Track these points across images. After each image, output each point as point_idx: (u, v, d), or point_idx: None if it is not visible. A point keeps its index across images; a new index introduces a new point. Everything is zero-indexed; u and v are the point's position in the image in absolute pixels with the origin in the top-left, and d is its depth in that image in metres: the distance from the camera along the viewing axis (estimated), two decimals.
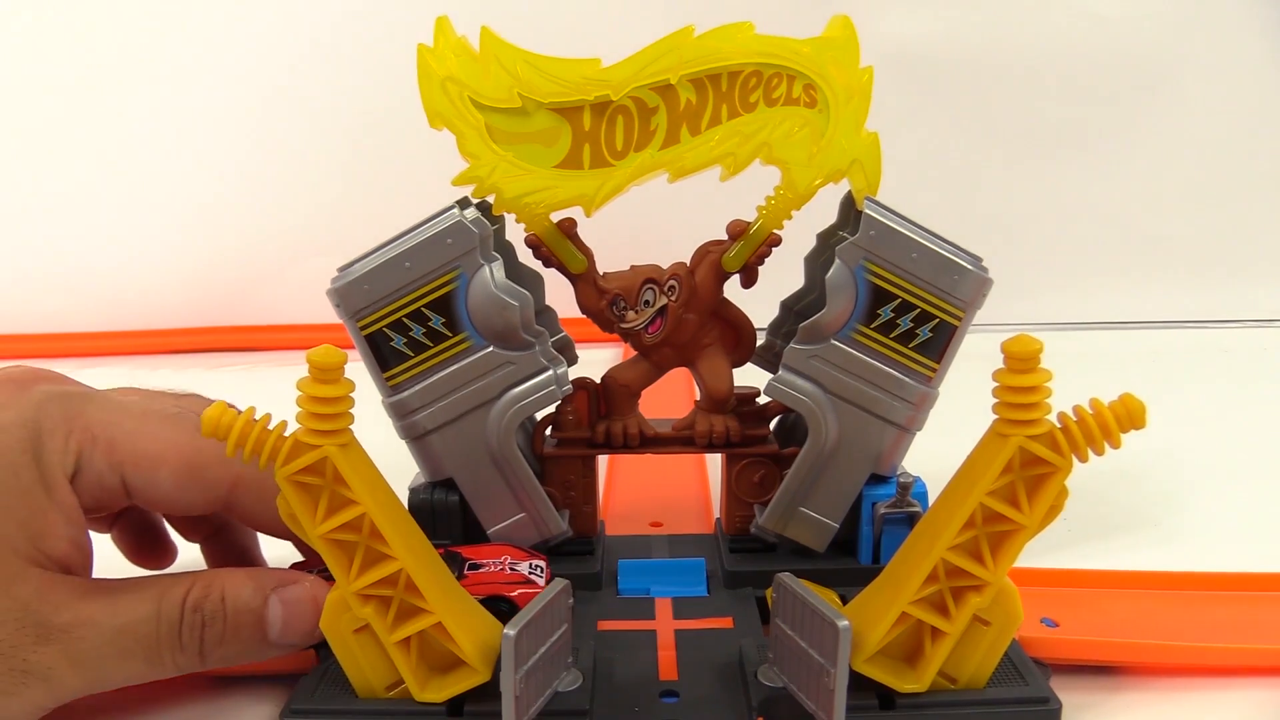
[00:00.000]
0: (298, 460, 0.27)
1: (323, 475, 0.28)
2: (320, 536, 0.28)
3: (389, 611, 0.29)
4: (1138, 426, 0.27)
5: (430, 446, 0.37)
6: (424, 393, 0.36)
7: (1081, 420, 0.27)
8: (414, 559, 0.29)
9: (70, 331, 0.91)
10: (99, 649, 0.29)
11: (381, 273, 0.35)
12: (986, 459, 0.28)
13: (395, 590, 0.29)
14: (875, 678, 0.30)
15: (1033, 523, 0.28)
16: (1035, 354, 0.27)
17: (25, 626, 0.28)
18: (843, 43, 0.35)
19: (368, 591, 0.29)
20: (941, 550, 0.29)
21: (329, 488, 0.28)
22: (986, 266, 0.36)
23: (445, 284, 0.35)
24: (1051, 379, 0.27)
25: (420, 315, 0.35)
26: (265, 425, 0.27)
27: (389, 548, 0.28)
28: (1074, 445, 0.27)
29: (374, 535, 0.28)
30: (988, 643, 0.30)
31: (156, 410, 0.33)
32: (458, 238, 0.35)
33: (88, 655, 0.28)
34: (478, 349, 0.36)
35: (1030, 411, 0.27)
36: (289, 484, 0.27)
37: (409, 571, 0.28)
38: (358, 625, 0.29)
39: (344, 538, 0.28)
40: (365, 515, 0.28)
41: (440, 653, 0.30)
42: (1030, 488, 0.28)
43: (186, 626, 0.30)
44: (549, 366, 0.37)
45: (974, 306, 0.36)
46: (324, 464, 0.27)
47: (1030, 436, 0.27)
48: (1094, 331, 0.90)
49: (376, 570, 0.28)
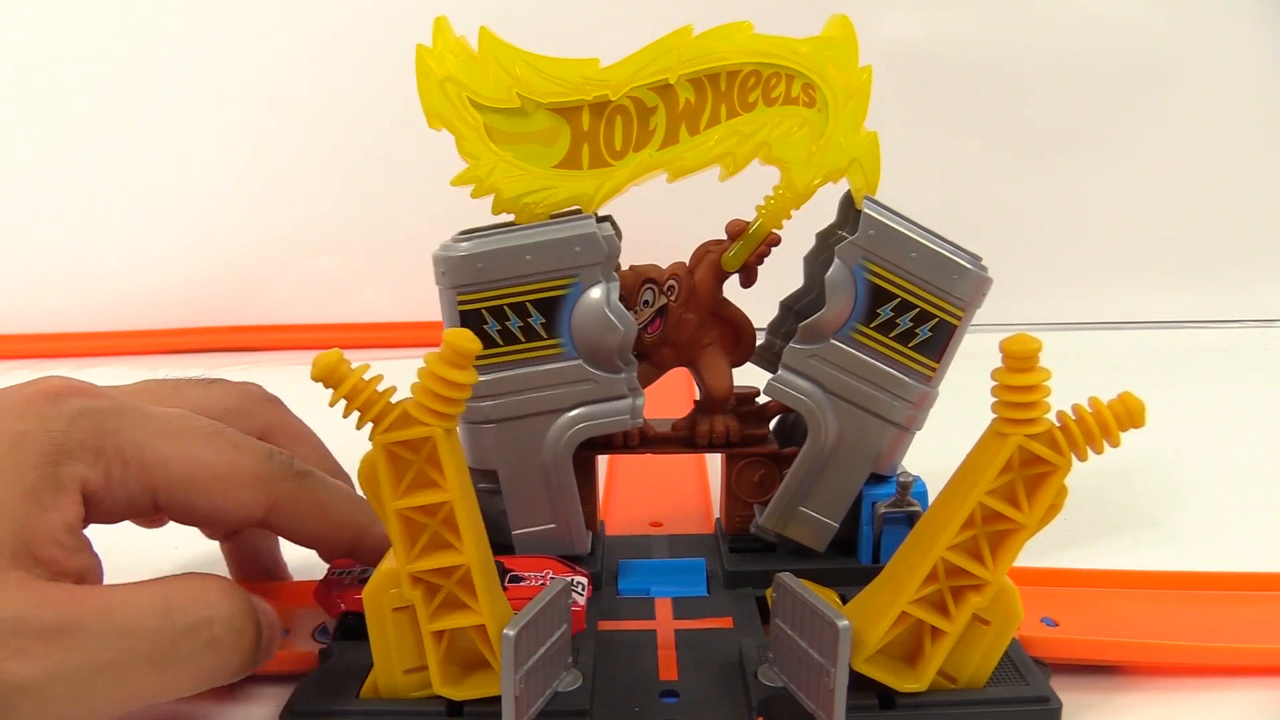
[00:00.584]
0: (403, 431, 0.27)
1: (418, 453, 0.27)
2: (396, 510, 0.28)
3: (435, 599, 0.29)
4: (1137, 425, 0.27)
5: (484, 436, 0.37)
6: (498, 383, 0.36)
7: (1081, 419, 0.27)
8: (478, 558, 0.29)
9: (70, 331, 0.91)
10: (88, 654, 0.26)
11: (500, 256, 0.34)
12: (986, 458, 0.28)
13: (448, 582, 0.29)
14: (875, 677, 0.30)
15: (1032, 522, 0.28)
16: (1034, 353, 0.27)
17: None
18: (842, 42, 0.35)
19: (422, 575, 0.29)
20: (941, 550, 0.29)
21: (420, 466, 0.28)
22: (986, 265, 0.36)
23: (559, 287, 0.35)
24: (1050, 378, 0.27)
25: (523, 309, 0.35)
26: (375, 386, 0.27)
27: (460, 541, 0.28)
28: (1073, 444, 0.27)
29: (448, 525, 0.28)
30: (988, 642, 0.30)
31: (193, 429, 0.32)
32: (587, 247, 0.34)
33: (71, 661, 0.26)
34: (567, 358, 0.36)
35: (1029, 410, 0.27)
36: (382, 450, 0.27)
37: (471, 569, 0.28)
38: (400, 604, 0.29)
39: (418, 518, 0.28)
40: (448, 503, 0.28)
41: (468, 652, 0.30)
42: (1030, 487, 0.28)
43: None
44: (629, 396, 0.37)
45: (973, 306, 0.36)
46: (425, 443, 0.27)
47: (1029, 435, 0.27)
48: (1094, 331, 0.90)
49: (439, 558, 0.28)
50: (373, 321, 0.90)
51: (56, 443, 0.28)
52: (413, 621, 0.29)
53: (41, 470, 0.28)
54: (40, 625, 0.25)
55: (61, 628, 0.26)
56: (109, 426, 0.30)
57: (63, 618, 0.26)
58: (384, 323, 0.90)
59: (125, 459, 0.30)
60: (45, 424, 0.29)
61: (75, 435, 0.29)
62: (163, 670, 0.27)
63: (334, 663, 0.33)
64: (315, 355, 0.26)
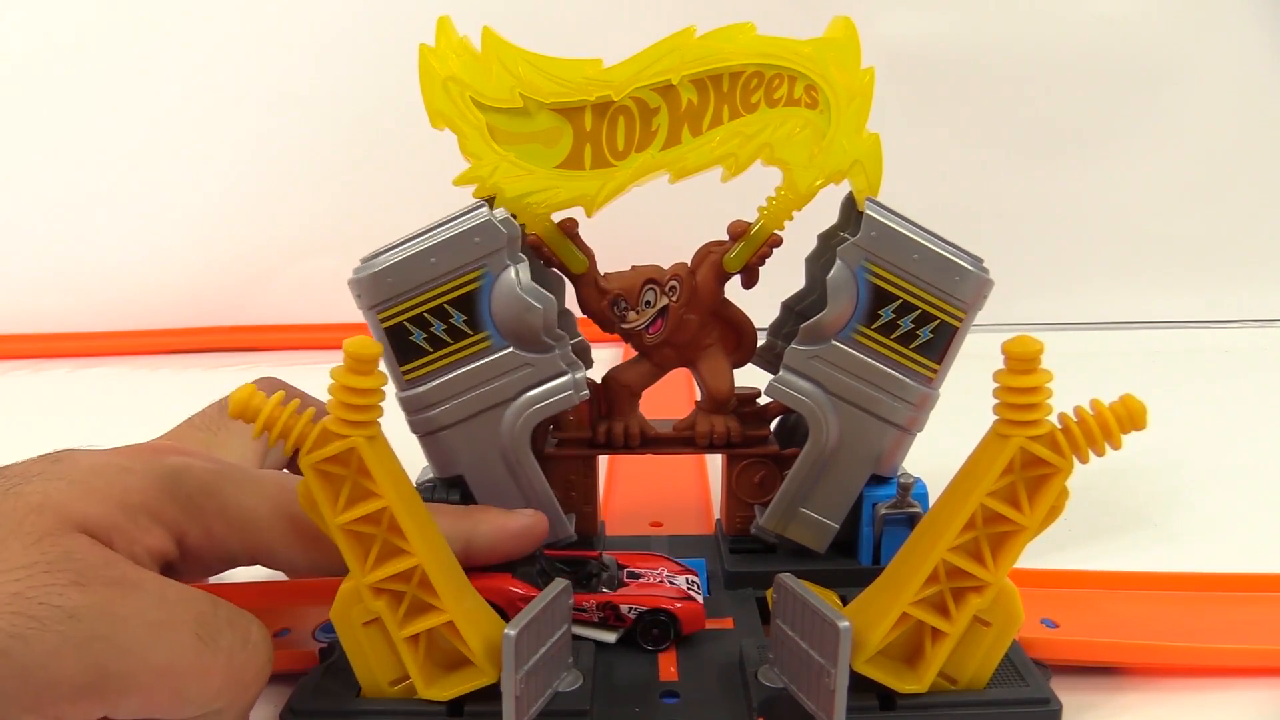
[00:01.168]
0: (324, 449, 0.27)
1: (347, 466, 0.27)
2: (339, 526, 0.28)
3: (400, 606, 0.29)
4: (1139, 428, 0.27)
5: (442, 443, 0.37)
6: (440, 389, 0.36)
7: (1082, 421, 0.27)
8: (431, 556, 0.29)
9: (70, 331, 0.91)
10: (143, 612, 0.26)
11: (406, 266, 0.35)
12: (987, 460, 0.28)
13: (409, 586, 0.29)
14: (875, 678, 0.30)
15: (1033, 524, 0.28)
16: (1036, 355, 0.27)
17: (61, 571, 0.26)
18: (844, 43, 0.35)
19: (381, 585, 0.29)
20: (942, 551, 0.29)
21: (352, 478, 0.28)
22: (988, 268, 0.36)
23: (469, 282, 0.35)
24: (1052, 379, 0.27)
25: (442, 311, 0.35)
26: (294, 411, 0.27)
27: (407, 543, 0.28)
28: (1075, 446, 0.27)
29: (393, 530, 0.28)
30: (988, 644, 0.30)
31: (287, 511, 0.32)
32: (485, 236, 0.35)
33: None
34: (497, 349, 0.36)
35: (1031, 412, 0.27)
36: (312, 471, 0.27)
37: (425, 568, 0.28)
38: (368, 618, 0.29)
39: (363, 529, 0.28)
40: (386, 509, 0.28)
41: (448, 651, 0.30)
42: (1031, 488, 0.28)
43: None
44: (568, 371, 0.37)
45: (975, 308, 0.36)
46: (350, 455, 0.27)
47: (1031, 437, 0.27)
48: (1094, 331, 0.90)
49: (392, 564, 0.28)
50: None
51: (165, 487, 0.30)
52: (385, 633, 0.29)
53: (145, 499, 0.29)
54: (105, 575, 0.26)
55: (122, 581, 0.26)
56: (214, 487, 0.31)
57: (125, 575, 0.27)
58: None
59: (209, 532, 0.31)
60: (151, 468, 0.30)
61: (182, 490, 0.30)
62: (203, 648, 0.27)
63: (334, 662, 0.33)
64: (230, 394, 0.27)
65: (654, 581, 0.35)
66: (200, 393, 0.41)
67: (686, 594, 0.35)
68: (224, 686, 0.28)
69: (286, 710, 0.30)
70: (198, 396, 0.41)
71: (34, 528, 0.26)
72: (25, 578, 0.25)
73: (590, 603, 0.34)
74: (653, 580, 0.36)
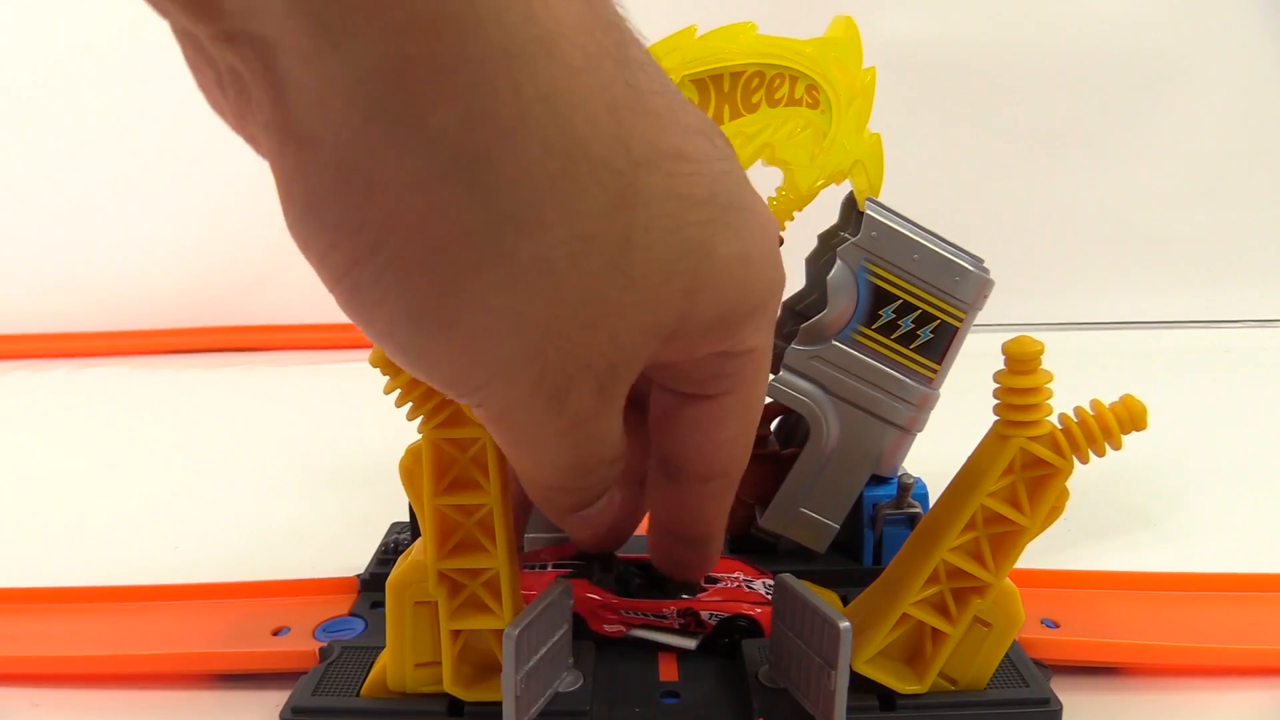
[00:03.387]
0: (455, 430, 0.27)
1: (465, 452, 0.27)
2: (435, 506, 0.28)
3: (458, 598, 0.29)
4: (1139, 428, 0.27)
5: None
6: None
7: (1083, 421, 0.27)
8: (507, 563, 0.29)
9: (70, 331, 0.91)
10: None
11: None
12: (987, 460, 0.28)
13: (474, 583, 0.29)
14: (876, 679, 0.30)
15: (1034, 524, 0.28)
16: (1036, 355, 0.27)
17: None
18: (845, 43, 0.35)
19: (450, 573, 0.29)
20: (943, 552, 0.29)
21: (465, 465, 0.28)
22: (988, 268, 0.36)
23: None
24: (1052, 380, 0.27)
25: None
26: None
27: (493, 546, 0.28)
28: (1075, 446, 0.27)
29: (484, 527, 0.28)
30: (989, 644, 0.30)
31: None
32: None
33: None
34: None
35: (1031, 413, 0.27)
36: (431, 445, 0.27)
37: (500, 574, 0.28)
38: (423, 598, 0.29)
39: (455, 516, 0.28)
40: (487, 506, 0.28)
41: (483, 654, 0.30)
42: (1031, 489, 0.28)
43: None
44: None
45: (975, 308, 0.36)
46: (474, 443, 0.27)
47: (1031, 438, 0.27)
48: (1094, 331, 0.90)
49: (470, 559, 0.28)
50: None
51: None
52: (432, 617, 0.29)
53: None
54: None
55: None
56: None
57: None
58: None
59: None
60: None
61: None
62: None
63: (334, 662, 0.33)
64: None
65: (732, 586, 0.35)
66: (200, 393, 0.41)
67: (765, 598, 0.35)
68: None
69: (287, 709, 0.30)
70: (198, 396, 0.41)
71: None
72: None
73: (670, 609, 0.34)
74: (730, 585, 0.35)
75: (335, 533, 0.47)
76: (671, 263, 0.22)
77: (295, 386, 0.78)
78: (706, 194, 0.22)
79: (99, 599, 0.39)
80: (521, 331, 0.21)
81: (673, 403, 0.27)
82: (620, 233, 0.21)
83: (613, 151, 0.20)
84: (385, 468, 0.30)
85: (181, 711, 0.33)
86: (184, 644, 0.35)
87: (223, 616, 0.37)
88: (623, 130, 0.20)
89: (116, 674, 0.35)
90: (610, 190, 0.20)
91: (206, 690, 0.34)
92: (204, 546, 0.47)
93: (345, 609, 0.37)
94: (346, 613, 0.37)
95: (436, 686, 0.30)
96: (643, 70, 0.22)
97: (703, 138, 0.23)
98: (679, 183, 0.22)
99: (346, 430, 0.63)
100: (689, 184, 0.22)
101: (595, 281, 0.21)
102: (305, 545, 0.46)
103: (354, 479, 0.54)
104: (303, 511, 0.51)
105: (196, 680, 0.35)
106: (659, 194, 0.21)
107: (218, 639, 0.35)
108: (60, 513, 0.52)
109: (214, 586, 0.39)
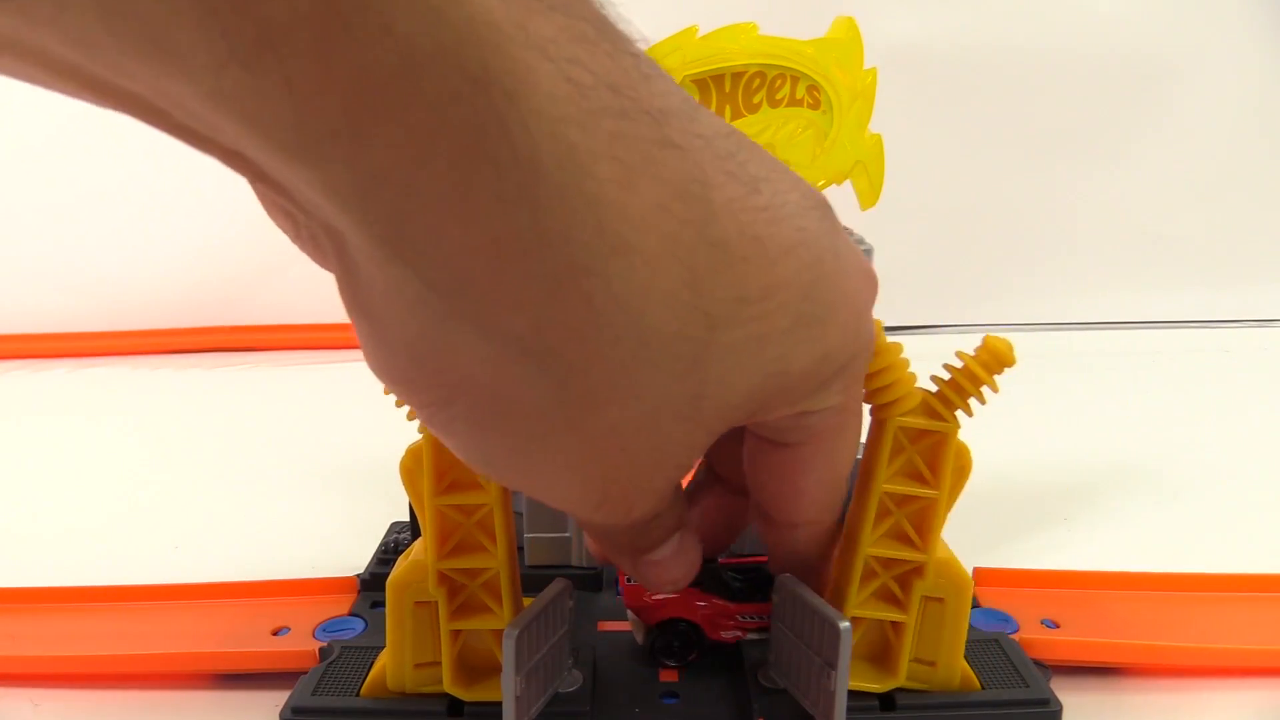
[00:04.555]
0: None
1: None
2: (435, 505, 0.28)
3: (457, 599, 0.29)
4: (1008, 365, 0.27)
5: None
6: None
7: (951, 379, 0.27)
8: (507, 563, 0.29)
9: (70, 331, 0.91)
10: None
11: None
12: (874, 449, 0.28)
13: (474, 583, 0.29)
14: (853, 686, 0.29)
15: (943, 490, 0.28)
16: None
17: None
18: (847, 44, 0.35)
19: (450, 573, 0.29)
20: (865, 550, 0.29)
21: (465, 464, 0.28)
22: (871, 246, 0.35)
23: None
24: (902, 351, 0.27)
25: None
26: None
27: (493, 546, 0.28)
28: (949, 404, 0.27)
29: (484, 528, 0.28)
30: (948, 617, 0.30)
31: None
32: None
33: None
34: None
35: (891, 392, 0.27)
36: (430, 444, 0.27)
37: (500, 574, 0.28)
38: (423, 598, 0.29)
39: (455, 516, 0.28)
40: (488, 507, 0.28)
41: (483, 654, 0.30)
42: (928, 458, 0.28)
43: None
44: None
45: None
46: None
47: (904, 415, 0.27)
48: (1094, 331, 0.90)
49: (470, 559, 0.28)
50: None
51: None
52: (433, 617, 0.29)
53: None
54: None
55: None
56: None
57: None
58: None
59: None
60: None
61: None
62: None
63: (334, 661, 0.33)
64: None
65: None
66: (200, 393, 0.41)
67: None
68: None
69: (287, 709, 0.30)
70: (198, 396, 0.41)
71: None
72: None
73: (768, 613, 0.33)
74: None
75: (335, 533, 0.47)
76: (744, 398, 0.22)
77: (295, 386, 0.78)
78: (791, 321, 0.21)
79: (99, 599, 0.39)
80: (587, 481, 0.22)
81: (756, 446, 0.27)
82: (693, 391, 0.21)
83: (689, 324, 0.20)
84: (385, 468, 0.30)
85: (181, 711, 0.33)
86: (184, 644, 0.35)
87: (223, 616, 0.37)
88: (702, 300, 0.20)
89: (116, 674, 0.35)
90: (685, 359, 0.20)
91: (206, 690, 0.34)
92: (204, 546, 0.47)
93: (345, 609, 0.37)
94: (346, 613, 0.37)
95: (436, 686, 0.30)
96: (739, 203, 0.20)
97: (796, 230, 0.21)
98: (761, 325, 0.21)
99: (346, 430, 0.63)
100: (772, 321, 0.21)
101: (663, 438, 0.21)
102: (305, 545, 0.46)
103: (354, 479, 0.54)
104: (303, 511, 0.51)
105: (196, 680, 0.35)
106: (736, 347, 0.21)
107: (218, 639, 0.35)
108: (60, 512, 0.52)
109: (214, 586, 0.39)
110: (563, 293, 0.18)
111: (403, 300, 0.18)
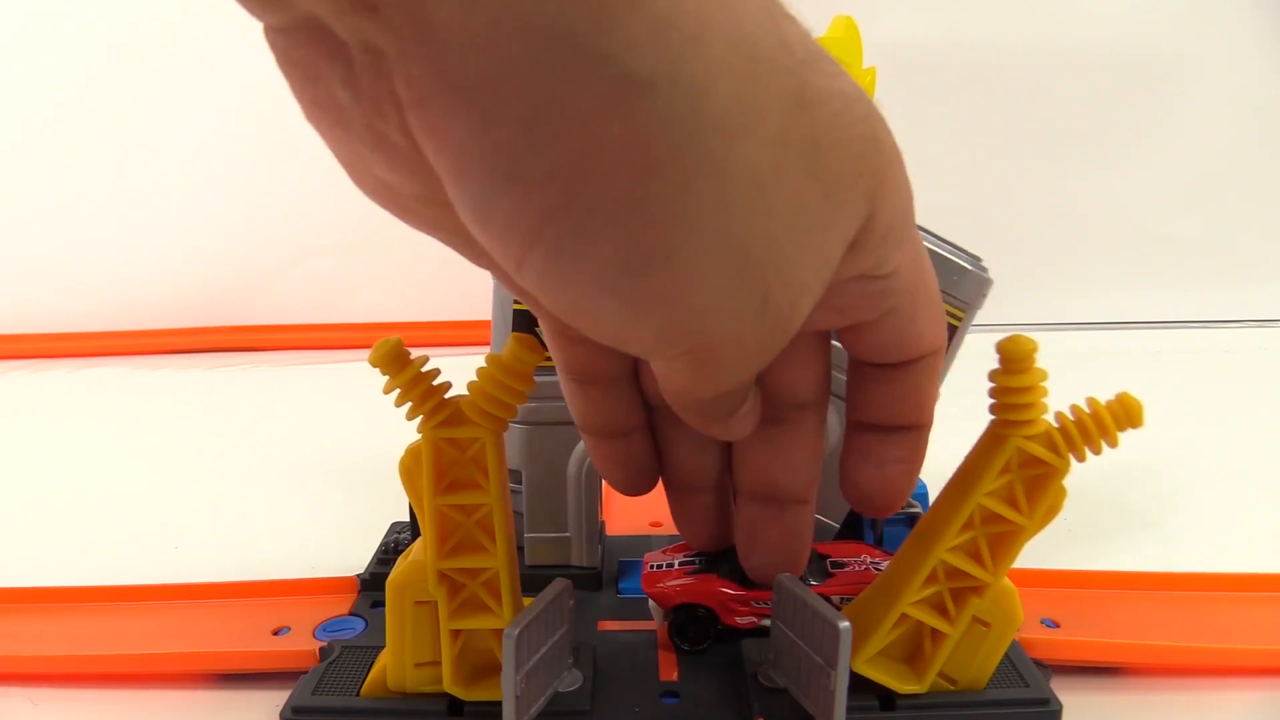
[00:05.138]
0: (454, 429, 0.27)
1: (464, 451, 0.27)
2: (434, 505, 0.28)
3: (457, 598, 0.29)
4: (1135, 425, 0.27)
5: (512, 435, 0.36)
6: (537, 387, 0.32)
7: (1079, 420, 0.27)
8: (507, 563, 0.29)
9: (70, 331, 0.91)
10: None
11: None
12: (984, 460, 0.28)
13: (474, 583, 0.29)
14: (875, 679, 0.30)
15: (1031, 523, 0.28)
16: (1030, 354, 0.27)
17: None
18: (846, 43, 0.35)
19: (450, 572, 0.29)
20: (941, 552, 0.29)
21: (465, 465, 0.28)
22: (986, 266, 0.36)
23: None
24: (1047, 378, 0.27)
25: None
26: (433, 380, 0.27)
27: (493, 545, 0.28)
28: (1071, 445, 0.27)
29: (483, 527, 0.28)
30: (988, 644, 0.30)
31: None
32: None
33: None
34: None
35: (1026, 412, 0.27)
36: (430, 444, 0.27)
37: (500, 574, 0.28)
38: (423, 597, 0.29)
39: (455, 516, 0.28)
40: (487, 506, 0.28)
41: (483, 654, 0.30)
42: (1028, 488, 0.28)
43: None
44: None
45: (974, 307, 0.36)
46: (473, 443, 0.27)
47: (1027, 437, 0.27)
48: (1094, 331, 0.90)
49: (470, 559, 0.28)
50: (373, 321, 0.90)
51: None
52: (433, 617, 0.29)
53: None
54: None
55: None
56: None
57: None
58: (384, 323, 0.90)
59: None
60: None
61: None
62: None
63: (334, 661, 0.33)
64: (377, 341, 0.26)
65: (859, 570, 0.34)
66: (200, 393, 0.41)
67: None
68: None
69: (287, 709, 0.30)
70: (198, 396, 0.41)
71: None
72: None
73: None
74: (858, 569, 0.34)
75: (335, 533, 0.47)
76: (856, 162, 0.21)
77: (295, 386, 0.78)
78: (857, 91, 0.21)
79: (99, 599, 0.39)
80: (743, 255, 0.20)
81: (861, 373, 0.28)
82: (807, 133, 0.20)
83: (779, 50, 0.19)
84: (385, 468, 0.30)
85: (181, 711, 0.33)
86: (184, 644, 0.35)
87: (223, 616, 0.37)
88: (780, 29, 0.20)
89: (116, 674, 0.35)
90: (789, 89, 0.19)
91: (206, 690, 0.34)
92: (204, 546, 0.47)
93: (345, 609, 0.37)
94: (346, 612, 0.37)
95: (436, 686, 0.30)
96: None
97: (858, 89, 0.22)
98: (837, 81, 0.21)
99: (346, 430, 0.63)
100: (844, 82, 0.21)
101: (798, 191, 0.20)
102: (305, 545, 0.46)
103: (354, 479, 0.54)
104: (303, 511, 0.51)
105: (196, 680, 0.35)
106: (827, 92, 0.20)
107: (218, 639, 0.35)
108: (60, 512, 0.52)
109: (214, 586, 0.39)
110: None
111: (507, 36, 0.17)
